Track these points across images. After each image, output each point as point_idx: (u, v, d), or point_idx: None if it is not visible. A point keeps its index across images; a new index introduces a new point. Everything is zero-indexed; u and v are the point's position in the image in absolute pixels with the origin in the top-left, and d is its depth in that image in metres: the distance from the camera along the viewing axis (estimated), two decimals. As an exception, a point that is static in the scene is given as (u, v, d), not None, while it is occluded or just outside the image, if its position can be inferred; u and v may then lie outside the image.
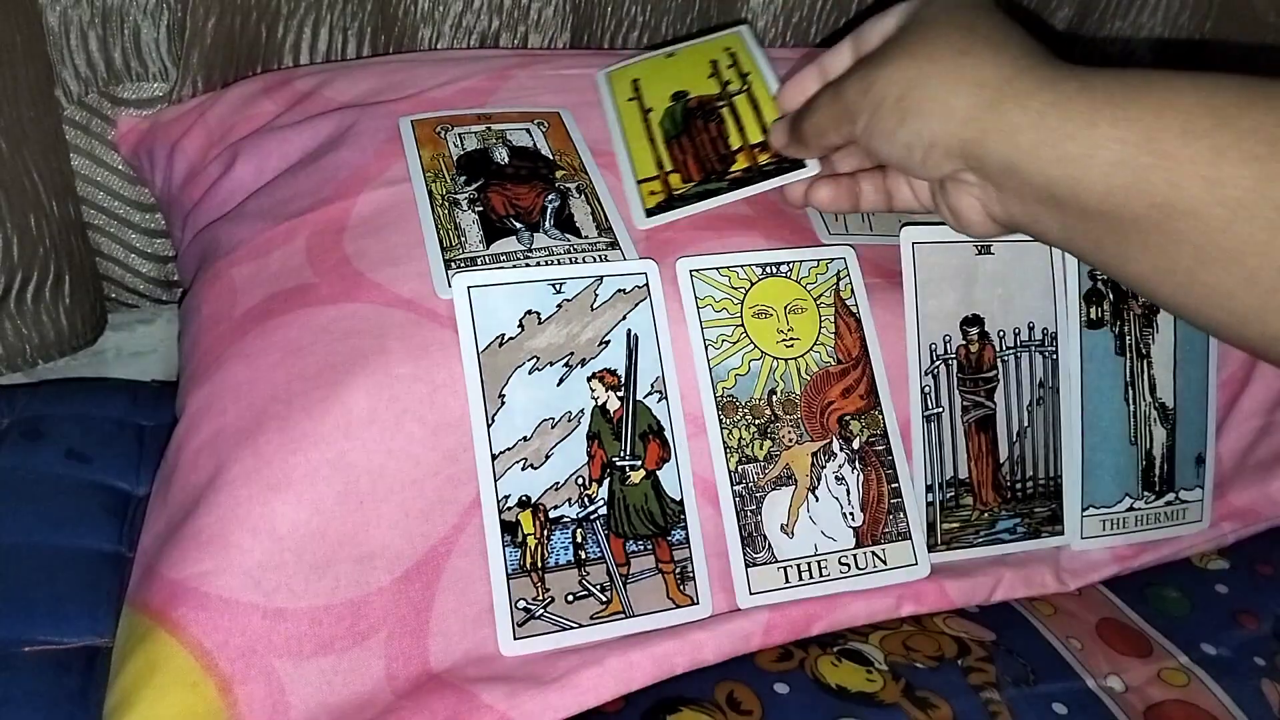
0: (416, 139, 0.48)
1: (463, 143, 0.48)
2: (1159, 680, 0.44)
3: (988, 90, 0.36)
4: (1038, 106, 0.35)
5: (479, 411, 0.41)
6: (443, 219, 0.45)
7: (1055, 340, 0.48)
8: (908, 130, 0.38)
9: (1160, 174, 0.32)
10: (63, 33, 0.51)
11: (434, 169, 0.47)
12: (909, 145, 0.38)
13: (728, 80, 0.51)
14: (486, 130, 0.49)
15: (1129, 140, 0.33)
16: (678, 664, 0.41)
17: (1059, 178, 0.35)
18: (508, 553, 0.40)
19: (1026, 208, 0.37)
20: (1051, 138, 0.34)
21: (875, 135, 0.39)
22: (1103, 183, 0.33)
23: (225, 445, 0.40)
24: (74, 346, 0.57)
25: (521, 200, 0.46)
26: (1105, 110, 0.33)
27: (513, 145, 0.48)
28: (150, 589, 0.39)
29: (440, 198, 0.46)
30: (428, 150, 0.48)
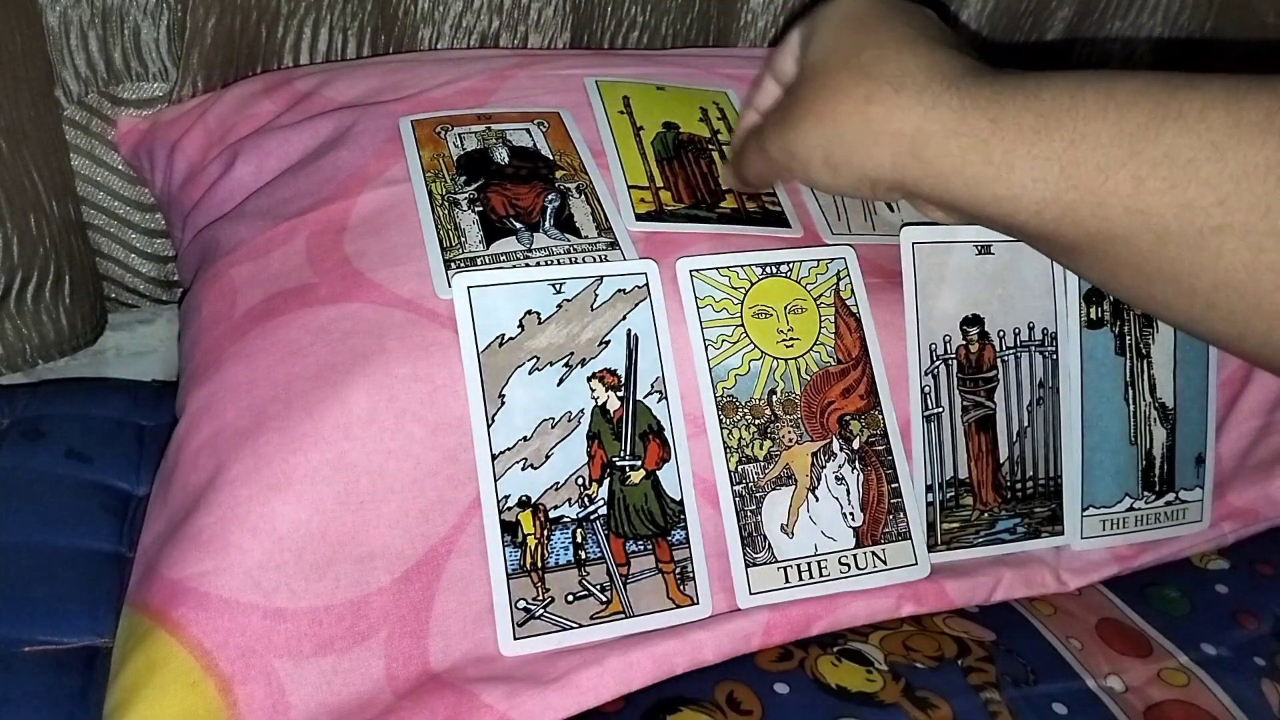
0: (416, 139, 0.48)
1: (463, 143, 0.48)
2: (1159, 680, 0.44)
3: (905, 140, 0.36)
4: (956, 151, 0.35)
5: (479, 411, 0.41)
6: (443, 219, 0.44)
7: (1055, 340, 0.48)
8: (844, 181, 0.38)
9: (1086, 208, 0.33)
10: (63, 33, 0.51)
11: (434, 169, 0.47)
12: (855, 187, 0.39)
13: (717, 129, 0.51)
14: (486, 130, 0.49)
15: (1049, 179, 0.33)
16: (678, 664, 0.41)
17: (995, 214, 0.35)
18: (508, 553, 0.40)
19: (979, 222, 0.37)
20: (977, 182, 0.35)
21: (816, 185, 0.41)
22: (1035, 219, 0.34)
23: (225, 445, 0.40)
24: (74, 346, 0.57)
25: (521, 200, 0.46)
26: (1020, 150, 0.33)
27: (513, 145, 0.48)
28: (150, 589, 0.39)
29: (440, 198, 0.45)
30: (428, 150, 0.47)
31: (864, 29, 0.39)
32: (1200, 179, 0.31)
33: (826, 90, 0.38)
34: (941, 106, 0.35)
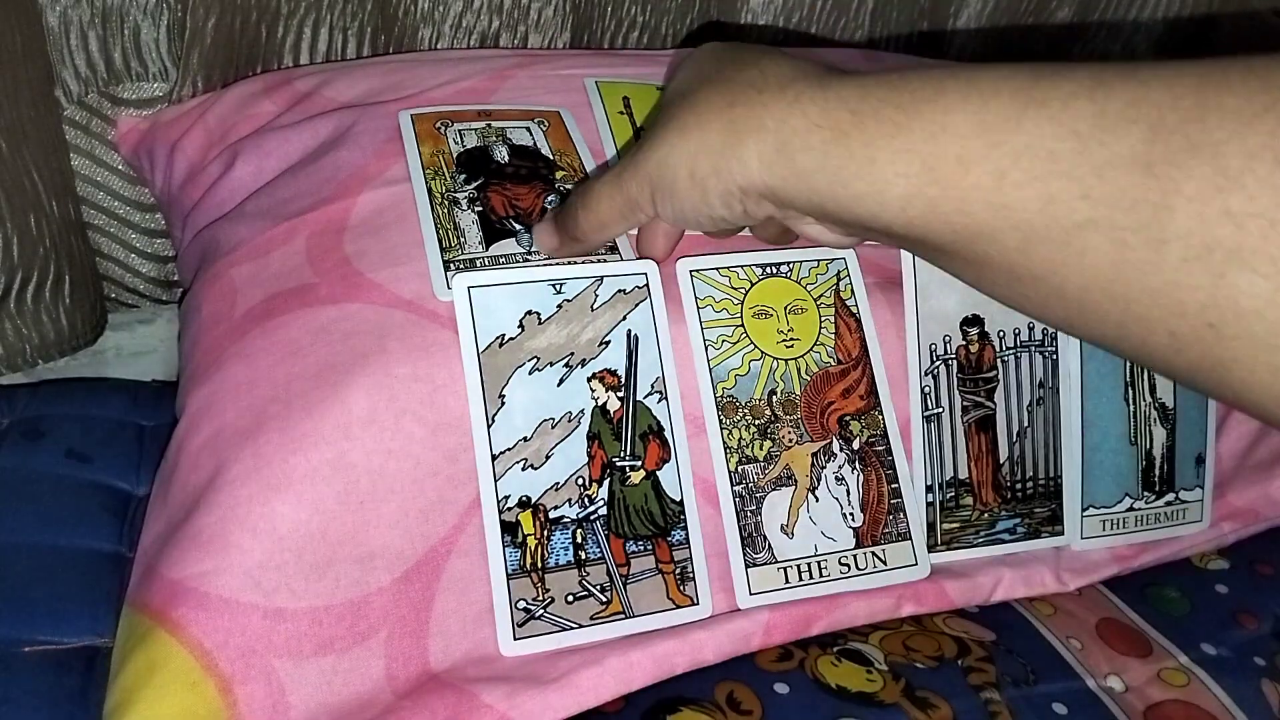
0: (416, 134, 0.48)
1: (463, 139, 0.48)
2: (1159, 680, 0.44)
3: (769, 135, 0.34)
4: (819, 145, 0.33)
5: (479, 412, 0.41)
6: (442, 218, 0.44)
7: (1055, 340, 0.48)
8: (713, 196, 0.36)
9: (949, 204, 0.31)
10: (62, 33, 0.51)
11: (434, 165, 0.47)
12: (725, 202, 0.37)
13: None
14: (487, 127, 0.49)
15: (911, 174, 0.31)
16: (678, 664, 0.41)
17: (862, 214, 0.33)
18: (508, 553, 0.40)
19: (854, 231, 0.36)
20: (840, 178, 0.33)
21: (684, 212, 0.38)
22: (901, 216, 0.32)
23: (225, 445, 0.40)
24: (74, 346, 0.57)
25: (521, 201, 0.46)
26: (880, 142, 0.32)
27: (513, 144, 0.48)
28: (150, 589, 0.39)
29: (440, 196, 0.45)
30: (428, 146, 0.47)
31: (723, 58, 0.38)
32: (1062, 171, 0.29)
33: (688, 105, 0.37)
34: (804, 100, 0.34)
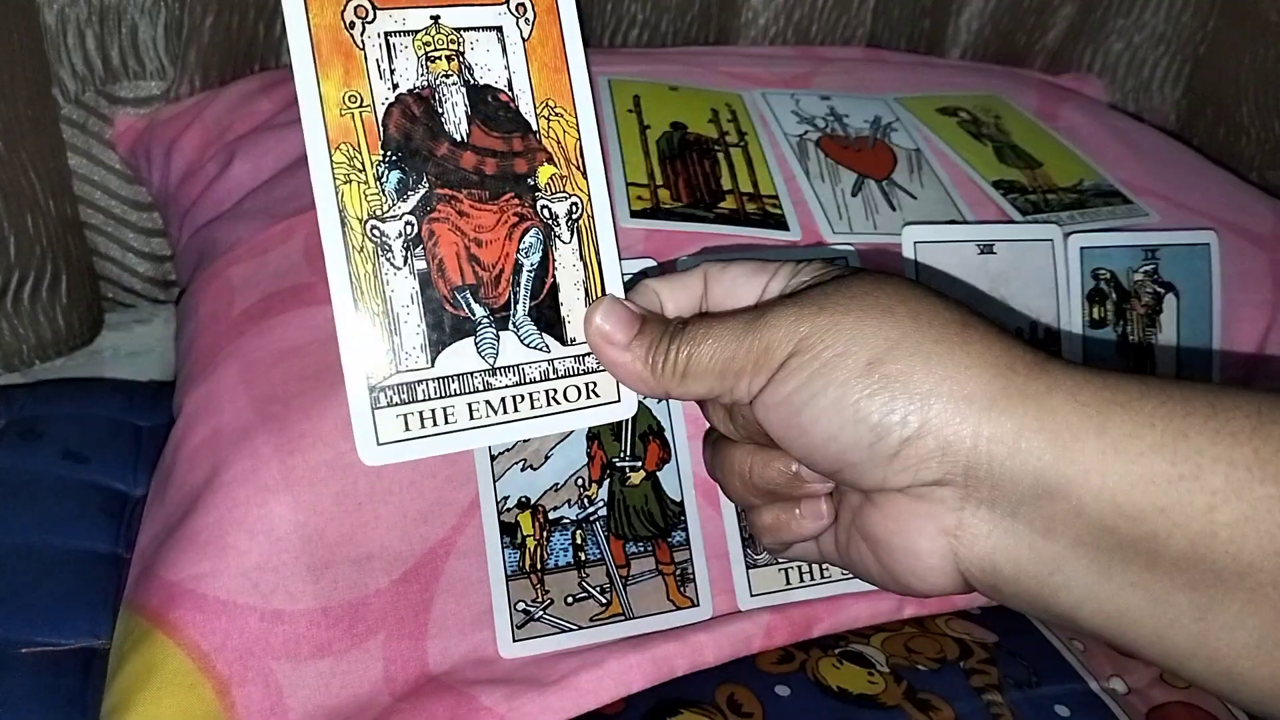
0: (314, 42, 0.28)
1: (392, 63, 0.29)
2: (1161, 681, 0.44)
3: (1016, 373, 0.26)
4: (1094, 402, 0.25)
5: (478, 412, 0.40)
6: (363, 282, 0.29)
7: (1058, 340, 0.48)
8: (885, 407, 0.26)
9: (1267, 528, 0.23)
10: (60, 31, 0.51)
11: (346, 139, 0.29)
12: (879, 429, 0.26)
13: (726, 131, 0.51)
14: (434, 30, 0.30)
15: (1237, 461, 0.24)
16: (678, 666, 0.41)
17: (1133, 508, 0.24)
18: (507, 554, 0.40)
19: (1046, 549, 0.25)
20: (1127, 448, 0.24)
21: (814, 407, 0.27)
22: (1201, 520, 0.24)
23: (222, 446, 0.40)
24: (71, 346, 0.56)
25: (484, 244, 0.29)
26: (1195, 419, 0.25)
27: (474, 83, 0.30)
28: (147, 590, 0.38)
29: (359, 230, 0.29)
30: (334, 78, 0.29)
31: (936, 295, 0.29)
32: None
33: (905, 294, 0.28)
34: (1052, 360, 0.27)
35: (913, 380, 0.26)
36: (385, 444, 0.29)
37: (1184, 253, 0.51)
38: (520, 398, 0.31)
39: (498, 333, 0.30)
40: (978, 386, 0.26)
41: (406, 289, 0.29)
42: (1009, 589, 0.27)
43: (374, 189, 0.29)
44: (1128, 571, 0.25)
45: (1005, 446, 0.25)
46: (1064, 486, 0.25)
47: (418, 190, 0.29)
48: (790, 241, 0.47)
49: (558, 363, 0.31)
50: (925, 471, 0.26)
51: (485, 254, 0.30)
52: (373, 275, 0.29)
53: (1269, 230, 0.56)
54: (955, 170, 0.54)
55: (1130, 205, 0.54)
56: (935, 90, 0.60)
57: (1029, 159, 0.56)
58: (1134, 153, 0.59)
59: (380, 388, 0.29)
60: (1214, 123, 0.73)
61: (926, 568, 0.27)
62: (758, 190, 0.49)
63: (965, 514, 0.26)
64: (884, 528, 0.28)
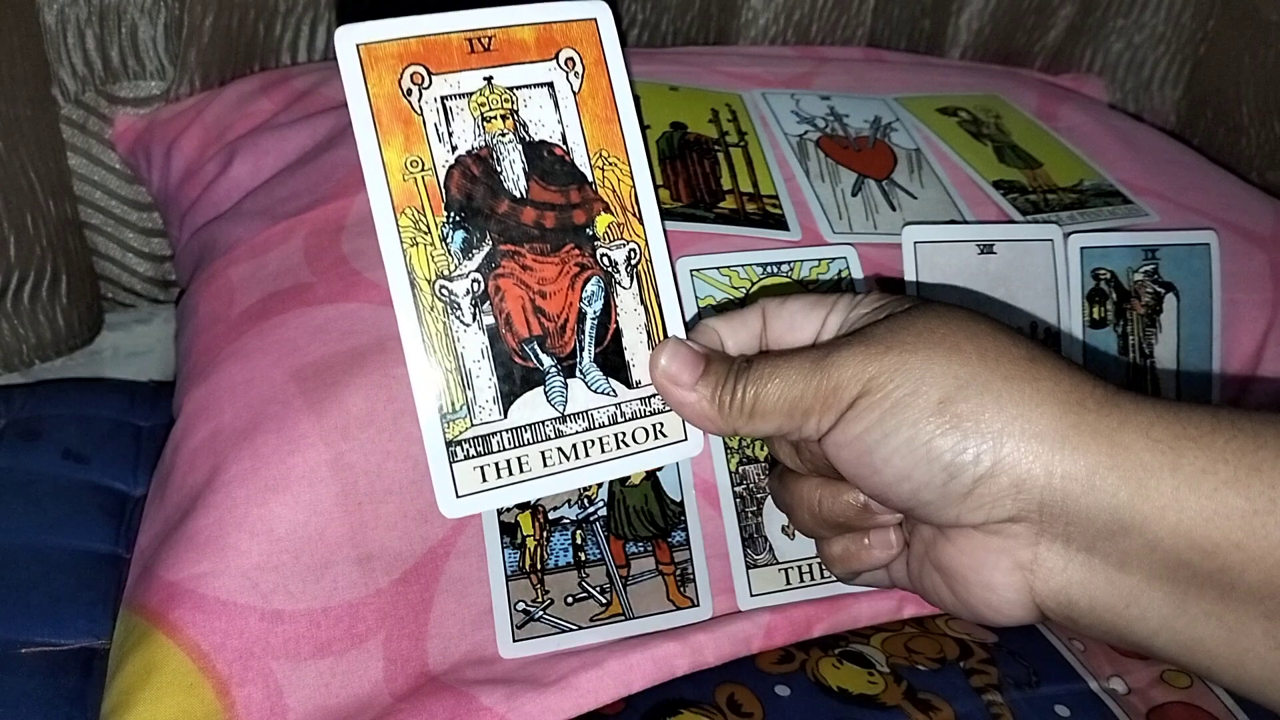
0: (373, 110, 0.29)
1: (449, 126, 0.30)
2: (1161, 682, 0.44)
3: (1087, 409, 0.26)
4: (1166, 437, 0.25)
5: (478, 412, 0.40)
6: (435, 340, 0.30)
7: (1058, 340, 0.48)
8: (957, 446, 0.26)
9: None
10: (60, 31, 0.51)
11: (409, 201, 0.30)
12: (951, 469, 0.26)
13: (726, 131, 0.51)
14: (488, 93, 0.31)
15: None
16: (678, 666, 0.41)
17: (1208, 542, 0.24)
18: (507, 554, 0.40)
19: (1122, 582, 0.26)
20: (1201, 484, 0.25)
21: (886, 447, 0.27)
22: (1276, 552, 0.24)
23: (222, 446, 0.40)
24: (71, 346, 0.56)
25: (550, 300, 0.30)
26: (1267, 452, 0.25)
27: (529, 140, 0.31)
28: (147, 590, 0.38)
29: (428, 292, 0.29)
30: (395, 145, 0.30)
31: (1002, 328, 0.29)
32: None
33: (970, 328, 0.28)
34: (1121, 392, 0.27)
35: (984, 419, 0.26)
36: (464, 496, 0.30)
37: (1184, 253, 0.51)
38: (590, 443, 0.31)
39: (566, 381, 0.31)
40: (1049, 424, 0.26)
41: (477, 345, 0.30)
42: (1085, 620, 0.27)
43: (440, 250, 0.30)
44: (1203, 603, 0.25)
45: (1079, 484, 0.25)
46: (1139, 523, 0.25)
47: (482, 248, 0.30)
48: (790, 241, 0.47)
49: (625, 406, 0.32)
50: (999, 509, 0.26)
51: (550, 305, 0.31)
52: (443, 333, 0.30)
53: (1269, 230, 0.56)
54: (955, 170, 0.54)
55: (1130, 205, 0.54)
56: (935, 90, 0.60)
57: (1029, 159, 0.56)
58: (1134, 153, 0.59)
59: (457, 442, 0.30)
60: (1214, 123, 0.73)
61: (1002, 600, 0.28)
62: (758, 190, 0.49)
63: (1040, 549, 0.26)
64: (958, 561, 0.28)
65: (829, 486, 0.32)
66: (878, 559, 0.32)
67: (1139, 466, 0.25)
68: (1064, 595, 0.27)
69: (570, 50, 0.31)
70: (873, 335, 0.28)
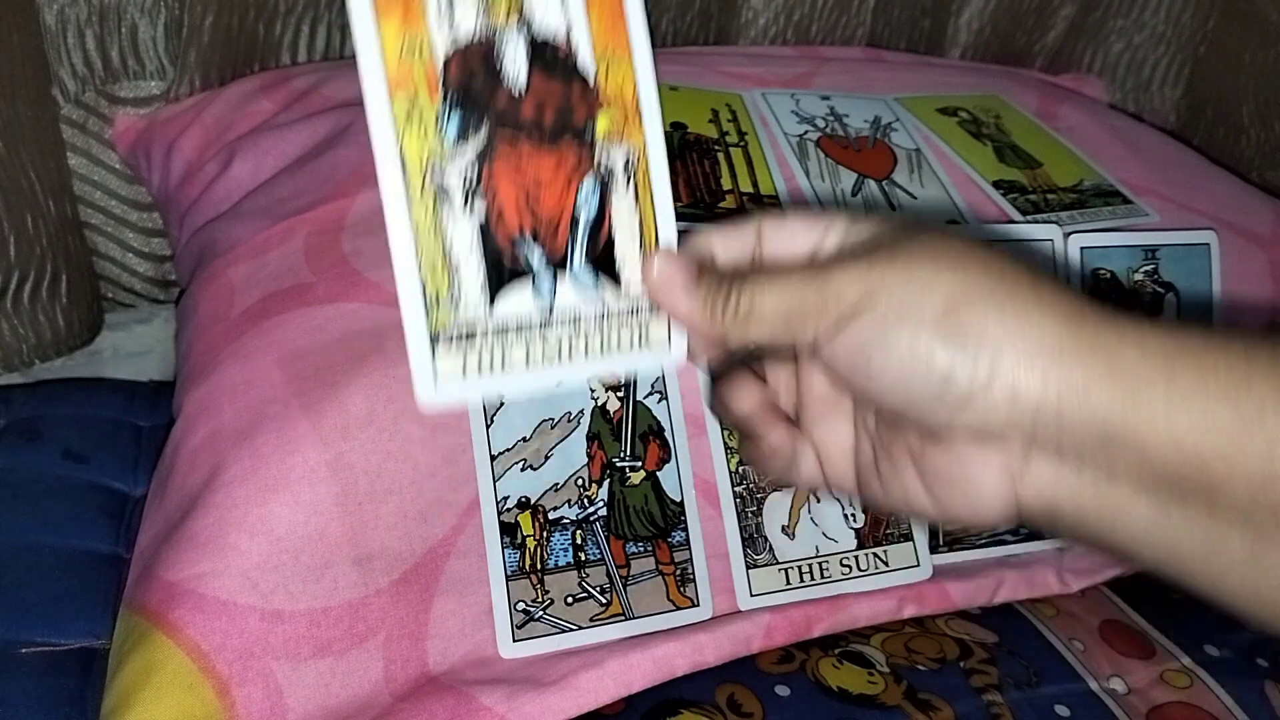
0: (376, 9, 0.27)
1: (454, 17, 0.29)
2: (1161, 682, 0.44)
3: (1086, 322, 0.26)
4: (1162, 351, 0.25)
5: (478, 412, 0.40)
6: (425, 230, 0.28)
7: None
8: (955, 355, 0.26)
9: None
10: (60, 31, 0.51)
11: (406, 87, 0.28)
12: (948, 377, 0.26)
13: (726, 131, 0.51)
14: None
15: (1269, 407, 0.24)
16: (678, 666, 0.41)
17: (1196, 453, 0.25)
18: (507, 554, 0.40)
19: (1109, 491, 0.26)
20: (1193, 396, 0.25)
21: (884, 354, 0.27)
22: (1264, 464, 0.24)
23: (222, 446, 0.40)
24: (71, 346, 0.56)
25: (545, 196, 0.29)
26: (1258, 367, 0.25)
27: (536, 39, 0.30)
28: (147, 590, 0.38)
29: (421, 180, 0.28)
30: (393, 29, 0.28)
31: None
32: None
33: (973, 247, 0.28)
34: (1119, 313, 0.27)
35: (986, 329, 0.26)
36: (443, 388, 0.29)
37: (1184, 253, 0.51)
38: (575, 343, 0.30)
39: (555, 280, 0.30)
40: (1049, 336, 0.26)
41: (466, 236, 0.29)
42: (1067, 526, 0.28)
43: (434, 135, 0.28)
44: (1186, 513, 0.25)
45: (1074, 395, 0.26)
46: (1130, 434, 0.25)
47: (477, 138, 0.29)
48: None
49: (611, 309, 0.31)
50: (994, 418, 0.26)
51: (544, 202, 0.30)
52: (432, 222, 0.28)
53: (1269, 230, 0.56)
54: (955, 170, 0.54)
55: (1130, 205, 0.54)
56: (935, 90, 0.60)
57: (1029, 159, 0.56)
58: (1134, 153, 0.59)
59: (439, 332, 0.29)
60: (1214, 123, 0.73)
61: (986, 504, 0.28)
62: (758, 190, 0.49)
63: (1031, 457, 0.27)
64: (946, 465, 0.28)
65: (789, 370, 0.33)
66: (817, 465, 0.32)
67: (1133, 379, 0.25)
68: (1051, 502, 0.27)
69: None
70: (876, 248, 0.28)
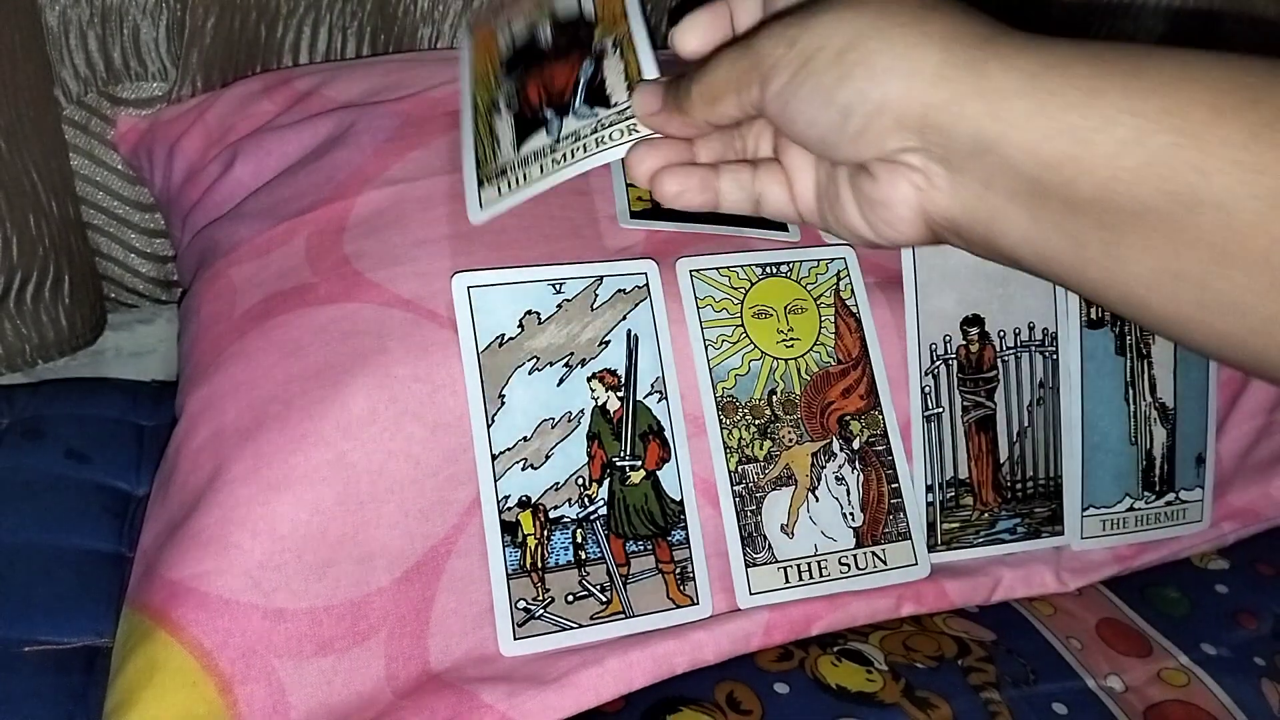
0: (473, 43, 0.48)
1: (511, 32, 0.46)
2: (1159, 680, 0.44)
3: (963, 47, 0.29)
4: (1029, 68, 0.28)
5: (479, 412, 0.41)
6: (482, 132, 0.44)
7: (1055, 340, 0.48)
8: (849, 90, 0.30)
9: (1183, 156, 0.26)
10: (62, 32, 0.51)
11: (483, 75, 0.46)
12: (846, 109, 0.30)
13: None
14: (537, 8, 0.46)
15: (1145, 114, 0.27)
16: (678, 664, 0.41)
17: (1051, 157, 0.28)
18: (508, 553, 0.40)
19: (988, 199, 0.29)
20: (1048, 106, 0.28)
21: (797, 98, 0.31)
22: (1107, 165, 0.27)
23: (225, 445, 0.40)
24: (73, 346, 0.56)
25: (556, 80, 0.42)
26: (1115, 78, 0.27)
27: (557, 18, 0.45)
28: (150, 589, 0.39)
29: (484, 108, 0.45)
30: (481, 56, 0.47)
31: None
32: None
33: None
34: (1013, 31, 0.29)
35: (874, 63, 0.30)
36: (486, 206, 0.42)
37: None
38: (575, 148, 0.40)
39: (561, 119, 0.41)
40: (927, 62, 0.29)
41: (505, 124, 0.43)
42: (965, 237, 0.31)
43: (494, 85, 0.45)
44: (1052, 216, 0.28)
45: (948, 113, 0.29)
46: (997, 143, 0.28)
47: (517, 73, 0.44)
48: (790, 242, 0.47)
49: (604, 119, 0.40)
50: (891, 142, 0.30)
51: (555, 83, 0.43)
52: (487, 125, 0.44)
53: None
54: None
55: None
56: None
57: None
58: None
59: (483, 174, 0.43)
60: (1212, 123, 0.73)
61: (903, 224, 0.32)
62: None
63: (930, 173, 0.30)
64: (871, 191, 0.32)
65: None
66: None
67: (997, 93, 0.28)
68: (948, 214, 0.31)
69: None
70: (795, 8, 0.32)
